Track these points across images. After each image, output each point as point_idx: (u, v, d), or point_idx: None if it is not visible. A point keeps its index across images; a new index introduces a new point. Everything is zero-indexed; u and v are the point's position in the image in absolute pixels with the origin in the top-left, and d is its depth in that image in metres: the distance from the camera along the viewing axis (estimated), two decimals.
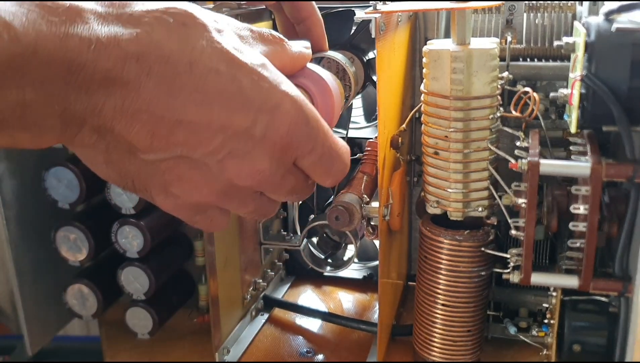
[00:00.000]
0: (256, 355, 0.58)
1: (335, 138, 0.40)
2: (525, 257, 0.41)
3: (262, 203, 0.41)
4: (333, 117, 0.44)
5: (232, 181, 0.37)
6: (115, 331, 0.63)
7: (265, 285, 0.64)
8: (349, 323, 0.62)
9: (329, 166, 0.40)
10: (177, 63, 0.32)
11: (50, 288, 0.59)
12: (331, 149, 0.39)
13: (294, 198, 0.42)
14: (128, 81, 0.31)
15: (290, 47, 0.41)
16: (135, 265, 0.57)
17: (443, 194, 0.46)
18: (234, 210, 0.41)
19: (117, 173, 0.37)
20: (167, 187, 0.37)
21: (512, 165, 0.40)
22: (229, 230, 0.56)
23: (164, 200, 0.38)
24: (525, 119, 0.43)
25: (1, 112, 0.29)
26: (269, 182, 0.38)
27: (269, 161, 0.36)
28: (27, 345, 0.59)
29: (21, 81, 0.29)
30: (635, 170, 0.36)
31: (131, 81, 0.31)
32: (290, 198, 0.41)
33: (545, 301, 0.46)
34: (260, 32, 0.39)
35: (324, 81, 0.44)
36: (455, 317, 0.48)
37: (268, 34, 0.40)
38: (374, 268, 0.71)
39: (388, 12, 0.45)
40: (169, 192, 0.37)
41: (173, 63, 0.32)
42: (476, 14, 0.54)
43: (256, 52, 0.37)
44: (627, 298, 0.38)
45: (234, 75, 0.34)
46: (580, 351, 0.42)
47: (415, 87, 0.59)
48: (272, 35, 0.40)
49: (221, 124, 0.34)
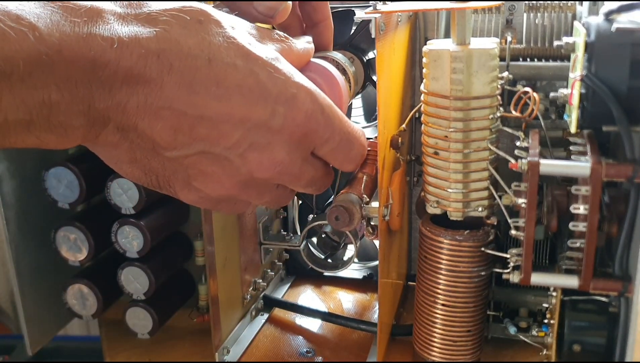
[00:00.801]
0: (256, 355, 0.58)
1: (350, 123, 0.42)
2: (525, 257, 0.41)
3: (278, 194, 0.42)
4: (342, 107, 0.45)
5: (253, 174, 0.38)
6: (115, 331, 0.63)
7: (265, 285, 0.64)
8: (349, 323, 0.62)
9: (347, 151, 0.42)
10: (196, 59, 0.33)
11: (50, 288, 0.59)
12: (348, 134, 0.41)
13: (313, 189, 0.43)
14: (150, 78, 0.32)
15: (295, 45, 0.42)
16: (135, 265, 0.57)
17: (443, 194, 0.46)
18: (252, 201, 0.42)
19: (141, 170, 0.38)
20: (190, 182, 0.38)
21: (512, 165, 0.40)
22: (229, 230, 0.56)
23: (188, 194, 0.39)
24: (525, 119, 0.43)
25: (28, 113, 0.30)
26: (288, 173, 0.39)
27: (288, 151, 0.38)
28: (27, 345, 0.59)
29: (47, 81, 0.30)
30: (635, 170, 0.36)
31: (153, 78, 0.32)
32: (310, 189, 0.43)
33: (545, 301, 0.46)
34: (267, 31, 0.41)
35: (331, 74, 0.46)
36: (455, 317, 0.48)
37: (274, 33, 0.41)
38: (374, 268, 0.71)
39: (388, 12, 0.45)
40: (192, 186, 0.38)
41: (192, 59, 0.33)
42: (476, 14, 0.54)
43: (269, 47, 0.38)
44: (627, 298, 0.38)
45: (251, 68, 0.35)
46: (580, 351, 0.42)
47: (415, 87, 0.59)
48: (277, 34, 0.42)
49: (241, 117, 0.35)
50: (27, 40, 0.28)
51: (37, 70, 0.29)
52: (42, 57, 0.29)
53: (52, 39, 0.29)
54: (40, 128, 0.31)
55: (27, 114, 0.30)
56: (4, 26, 0.28)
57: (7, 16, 0.28)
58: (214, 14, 0.35)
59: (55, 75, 0.30)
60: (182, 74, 0.33)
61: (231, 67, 0.34)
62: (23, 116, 0.30)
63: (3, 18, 0.28)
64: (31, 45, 0.28)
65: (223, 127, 0.35)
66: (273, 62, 0.36)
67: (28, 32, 0.28)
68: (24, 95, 0.29)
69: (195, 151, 0.36)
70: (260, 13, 0.42)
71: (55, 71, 0.30)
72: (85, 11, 0.31)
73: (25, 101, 0.29)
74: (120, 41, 0.31)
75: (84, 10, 0.31)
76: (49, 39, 0.29)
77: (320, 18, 0.50)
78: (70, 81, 0.30)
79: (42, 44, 0.29)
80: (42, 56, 0.29)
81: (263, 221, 0.62)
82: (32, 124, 0.30)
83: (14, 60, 0.28)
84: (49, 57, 0.29)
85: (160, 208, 0.58)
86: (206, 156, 0.36)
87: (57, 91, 0.30)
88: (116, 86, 0.32)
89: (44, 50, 0.29)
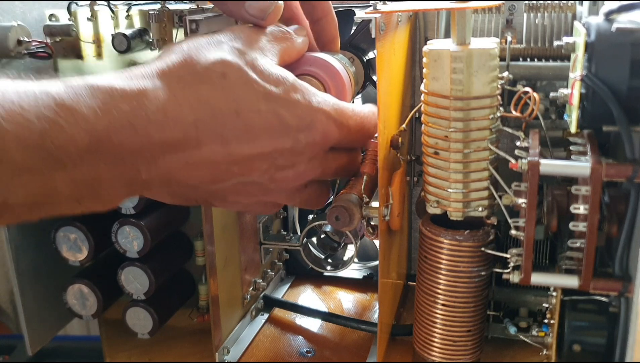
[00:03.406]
0: (256, 355, 0.58)
1: (358, 111, 0.45)
2: (525, 257, 0.41)
3: (309, 193, 0.47)
4: (345, 100, 0.48)
5: (281, 186, 0.43)
6: (115, 331, 0.63)
7: (265, 285, 0.64)
8: (349, 323, 0.62)
9: (362, 134, 0.46)
10: (226, 115, 0.37)
11: (50, 288, 0.59)
12: (361, 124, 0.45)
13: (343, 174, 0.48)
14: (189, 145, 0.36)
15: (296, 39, 0.46)
16: (135, 265, 0.57)
17: (443, 194, 0.46)
18: (283, 202, 0.48)
19: (180, 200, 0.44)
20: (226, 198, 0.43)
21: (512, 165, 0.40)
22: (229, 230, 0.56)
23: (223, 205, 0.45)
24: (525, 119, 0.43)
25: (79, 190, 0.33)
26: (313, 175, 0.44)
27: (310, 163, 0.42)
28: (27, 344, 0.59)
29: (97, 163, 0.33)
30: (635, 170, 0.36)
31: (192, 144, 0.36)
32: (340, 175, 0.48)
33: (545, 301, 0.46)
34: (273, 34, 0.44)
35: (334, 67, 0.49)
36: (455, 317, 0.48)
37: (278, 32, 0.44)
38: (374, 268, 0.71)
39: (388, 12, 0.45)
40: (228, 201, 0.44)
41: (223, 116, 0.37)
42: (476, 14, 0.54)
43: (285, 74, 0.41)
44: (627, 298, 0.38)
45: (273, 110, 0.39)
46: (580, 351, 0.42)
47: (415, 87, 0.59)
48: (281, 32, 0.45)
49: (269, 151, 0.39)
50: (79, 131, 0.31)
51: (88, 155, 0.32)
52: (92, 145, 0.32)
53: (102, 127, 0.32)
54: (89, 200, 0.34)
55: (78, 191, 0.33)
56: (59, 118, 0.31)
57: (62, 109, 0.31)
58: (233, 59, 0.38)
59: (105, 158, 0.33)
60: (215, 132, 0.37)
61: (256, 114, 0.38)
62: (74, 193, 0.33)
63: (58, 111, 0.31)
64: (83, 135, 0.32)
65: (253, 164, 0.39)
66: (292, 94, 0.40)
67: (80, 123, 0.32)
68: (76, 176, 0.32)
69: (230, 184, 0.40)
70: (252, 16, 0.44)
71: (105, 154, 0.33)
72: (133, 96, 0.34)
73: (77, 180, 0.33)
74: (163, 121, 0.35)
75: (130, 95, 0.34)
76: (99, 127, 0.32)
77: (321, 15, 0.51)
78: (118, 161, 0.34)
79: (93, 134, 0.32)
80: (93, 144, 0.32)
81: (263, 221, 0.62)
82: (82, 198, 0.34)
83: (68, 149, 0.31)
84: (99, 144, 0.32)
85: (161, 208, 0.58)
86: (240, 184, 0.41)
87: (106, 170, 0.33)
88: (160, 158, 0.36)
89: (94, 138, 0.32)
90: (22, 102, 0.30)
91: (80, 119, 0.32)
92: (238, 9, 0.44)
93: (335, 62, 0.49)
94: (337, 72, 0.48)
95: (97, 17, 0.58)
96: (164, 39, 0.54)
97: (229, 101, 0.37)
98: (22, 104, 0.30)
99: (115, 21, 0.58)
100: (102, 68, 0.60)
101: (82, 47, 0.60)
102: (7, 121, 0.30)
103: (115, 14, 0.58)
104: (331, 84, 0.49)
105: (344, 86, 0.49)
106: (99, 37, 0.59)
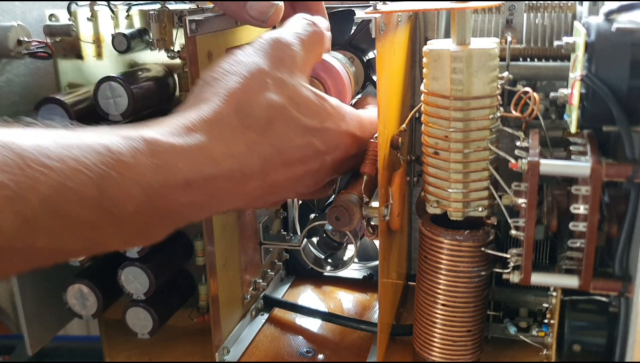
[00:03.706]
0: (256, 355, 0.58)
1: (372, 118, 0.48)
2: (525, 257, 0.41)
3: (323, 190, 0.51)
4: (345, 100, 0.50)
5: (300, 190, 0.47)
6: (115, 331, 0.63)
7: (265, 285, 0.64)
8: (349, 323, 0.62)
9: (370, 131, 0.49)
10: (268, 157, 0.40)
11: (50, 288, 0.59)
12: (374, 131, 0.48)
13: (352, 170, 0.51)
14: (235, 189, 0.39)
15: (328, 38, 0.48)
16: (135, 264, 0.57)
17: (443, 194, 0.46)
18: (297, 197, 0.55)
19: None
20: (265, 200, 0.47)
21: (512, 165, 0.40)
22: (229, 230, 0.56)
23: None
24: (525, 119, 0.43)
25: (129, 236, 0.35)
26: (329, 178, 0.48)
27: (328, 172, 0.46)
28: (27, 344, 0.59)
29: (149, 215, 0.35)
30: (635, 170, 0.36)
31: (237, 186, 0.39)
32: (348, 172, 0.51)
33: (545, 301, 0.46)
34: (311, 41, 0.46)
35: (334, 67, 0.50)
36: (455, 317, 0.48)
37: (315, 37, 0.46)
38: (374, 268, 0.71)
39: (388, 12, 0.45)
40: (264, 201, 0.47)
41: (266, 159, 0.40)
42: (476, 14, 0.54)
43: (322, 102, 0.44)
44: (627, 298, 0.39)
45: (308, 141, 0.43)
46: (580, 351, 0.42)
47: (415, 87, 0.59)
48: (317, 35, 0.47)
49: (300, 174, 0.43)
50: (136, 188, 0.33)
51: (142, 209, 0.34)
52: (147, 201, 0.34)
53: (158, 185, 0.34)
54: (135, 241, 0.37)
55: (127, 236, 0.35)
56: (117, 175, 0.32)
57: (120, 165, 0.33)
58: (278, 101, 0.41)
59: (158, 211, 0.35)
60: (258, 172, 0.40)
61: (294, 149, 0.42)
62: (123, 238, 0.35)
63: (117, 166, 0.33)
64: (140, 191, 0.33)
65: (287, 187, 0.43)
66: (325, 123, 0.44)
67: (138, 179, 0.33)
68: (128, 226, 0.34)
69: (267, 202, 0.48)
70: (252, 17, 0.45)
71: (158, 208, 0.35)
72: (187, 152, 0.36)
73: (128, 229, 0.34)
74: (215, 174, 0.37)
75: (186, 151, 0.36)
76: (155, 184, 0.34)
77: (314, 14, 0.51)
78: (170, 213, 0.36)
79: (149, 191, 0.34)
80: (148, 200, 0.34)
81: (263, 221, 0.62)
82: (129, 240, 0.36)
83: (124, 205, 0.33)
84: (153, 199, 0.34)
85: None
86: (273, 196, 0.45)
87: (157, 219, 0.36)
88: (207, 205, 0.38)
89: (149, 195, 0.34)
90: (84, 159, 0.32)
91: (137, 176, 0.33)
92: (239, 10, 0.45)
93: (335, 62, 0.50)
94: (337, 72, 0.49)
95: (97, 17, 0.58)
96: (163, 39, 0.54)
97: (273, 144, 0.40)
98: (84, 161, 0.32)
99: (115, 21, 0.58)
100: (102, 68, 0.60)
101: (82, 47, 0.60)
102: (71, 180, 0.31)
103: (115, 14, 0.58)
104: (331, 84, 0.49)
105: (344, 86, 0.49)
106: (99, 37, 0.59)
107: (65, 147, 0.32)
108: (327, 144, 0.44)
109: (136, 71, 0.57)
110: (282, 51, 0.43)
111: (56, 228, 0.31)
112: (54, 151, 0.31)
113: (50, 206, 0.30)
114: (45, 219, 0.30)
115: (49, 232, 0.31)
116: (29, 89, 0.59)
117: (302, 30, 0.45)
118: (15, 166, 0.29)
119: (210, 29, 0.48)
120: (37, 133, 0.32)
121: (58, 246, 0.32)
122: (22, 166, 0.30)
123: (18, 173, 0.29)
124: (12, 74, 0.57)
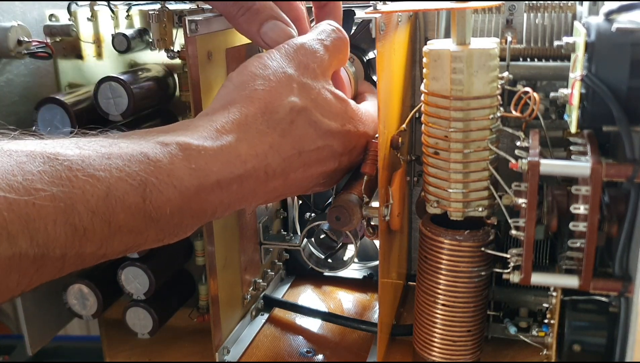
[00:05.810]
0: (256, 355, 0.58)
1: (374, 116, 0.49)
2: (526, 257, 0.41)
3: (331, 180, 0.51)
4: None
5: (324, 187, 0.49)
6: (115, 331, 0.63)
7: (265, 285, 0.64)
8: (349, 323, 0.62)
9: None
10: (290, 157, 0.42)
11: (50, 288, 0.59)
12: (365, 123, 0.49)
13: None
14: (258, 188, 0.41)
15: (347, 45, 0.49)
16: (135, 264, 0.57)
17: (443, 194, 0.46)
18: None
19: None
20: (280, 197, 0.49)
21: (512, 165, 0.40)
22: (229, 230, 0.56)
23: None
24: (525, 119, 0.43)
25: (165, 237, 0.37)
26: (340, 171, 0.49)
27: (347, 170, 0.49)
28: (27, 344, 0.59)
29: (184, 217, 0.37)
30: (635, 170, 0.36)
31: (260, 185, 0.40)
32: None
33: (545, 301, 0.46)
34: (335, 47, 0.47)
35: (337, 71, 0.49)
36: (455, 317, 0.48)
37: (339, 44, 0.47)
38: (374, 268, 0.71)
39: (388, 12, 0.45)
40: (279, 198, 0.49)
41: (288, 159, 0.42)
42: (476, 14, 0.54)
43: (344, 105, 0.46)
44: (627, 298, 0.38)
45: (328, 144, 0.44)
46: (580, 351, 0.42)
47: (415, 87, 0.59)
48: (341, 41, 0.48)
49: (318, 174, 0.45)
50: (174, 192, 0.35)
51: (178, 212, 0.36)
52: (183, 204, 0.36)
53: (193, 188, 0.36)
54: (168, 239, 0.37)
55: (162, 236, 0.37)
56: (157, 181, 0.34)
57: (160, 172, 0.34)
58: (302, 104, 0.42)
59: (191, 212, 0.37)
60: (280, 172, 0.41)
61: (315, 151, 0.43)
62: (158, 238, 0.36)
63: (157, 173, 0.34)
64: (177, 195, 0.35)
65: (304, 184, 0.45)
66: (346, 126, 0.45)
67: (176, 184, 0.35)
68: (165, 227, 0.36)
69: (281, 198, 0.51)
70: (266, 43, 0.46)
71: (192, 209, 0.37)
72: (219, 154, 0.38)
73: (164, 230, 0.36)
74: (242, 174, 0.39)
75: (217, 153, 0.38)
76: (191, 188, 0.36)
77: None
78: (201, 212, 0.38)
79: (185, 194, 0.36)
80: (184, 203, 0.36)
81: (263, 221, 0.62)
82: (163, 239, 0.37)
83: (163, 209, 0.35)
84: (188, 202, 0.36)
85: None
86: None
87: (189, 219, 0.37)
88: (232, 204, 0.40)
89: (185, 198, 0.36)
90: (127, 168, 0.33)
91: (175, 181, 0.35)
92: (253, 32, 0.46)
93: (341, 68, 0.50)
94: (337, 72, 0.49)
95: (97, 17, 0.58)
96: (164, 39, 0.54)
97: (295, 145, 0.42)
98: (127, 170, 0.33)
99: (115, 21, 0.58)
100: (102, 68, 0.60)
101: (82, 47, 0.60)
102: (116, 189, 0.33)
103: (115, 14, 0.58)
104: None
105: (344, 86, 0.49)
106: (99, 37, 0.59)
107: (108, 156, 0.33)
108: (345, 146, 0.46)
109: (136, 71, 0.57)
110: (307, 56, 0.44)
111: (103, 235, 0.33)
112: (98, 162, 0.33)
113: (99, 216, 0.32)
114: (93, 227, 0.32)
115: (97, 239, 0.32)
116: (29, 89, 0.59)
117: (326, 36, 0.47)
118: (65, 178, 0.31)
119: (210, 29, 0.48)
120: (78, 143, 0.34)
121: (103, 251, 0.34)
122: (71, 177, 0.31)
123: (68, 184, 0.31)
124: (12, 74, 0.57)
